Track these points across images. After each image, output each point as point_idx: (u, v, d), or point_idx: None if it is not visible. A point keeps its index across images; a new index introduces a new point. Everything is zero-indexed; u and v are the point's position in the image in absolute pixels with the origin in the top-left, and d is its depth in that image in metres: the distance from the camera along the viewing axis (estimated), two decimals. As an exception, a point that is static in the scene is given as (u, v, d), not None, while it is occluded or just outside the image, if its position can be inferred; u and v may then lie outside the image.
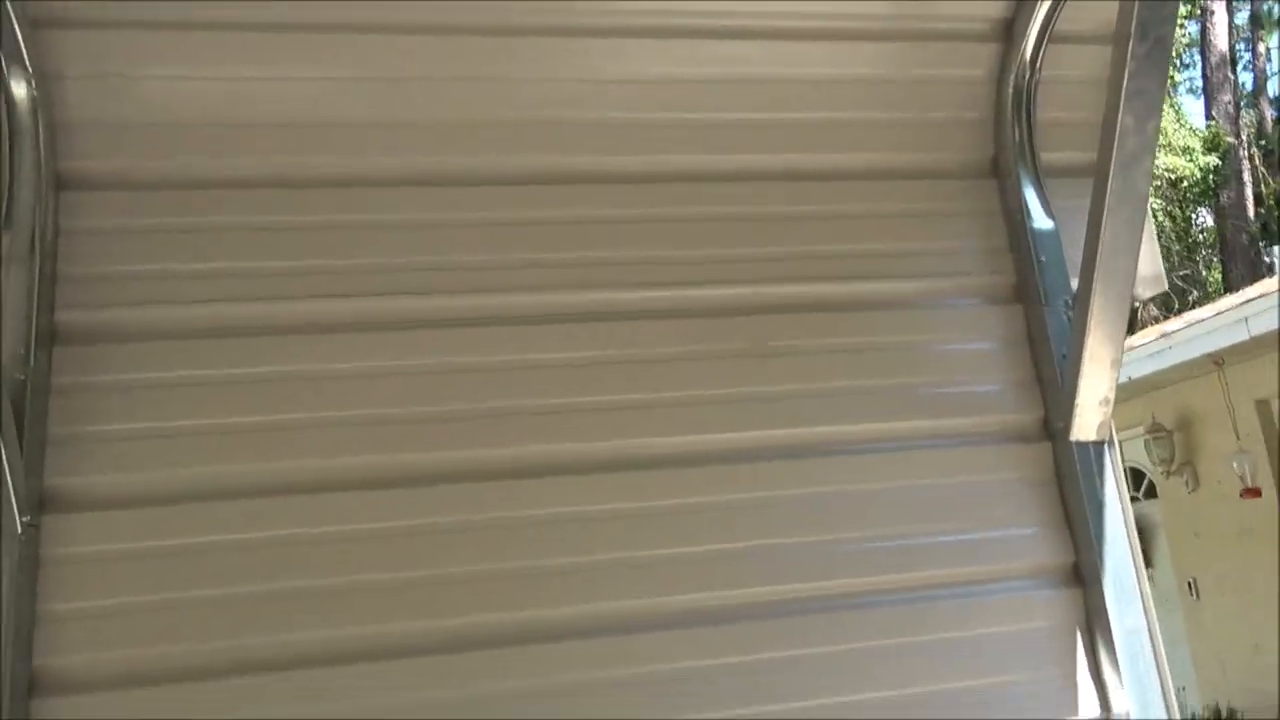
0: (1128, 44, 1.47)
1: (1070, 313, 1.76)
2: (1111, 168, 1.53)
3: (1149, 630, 1.62)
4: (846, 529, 1.66)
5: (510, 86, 1.70)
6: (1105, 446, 1.70)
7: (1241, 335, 5.76)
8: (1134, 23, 1.46)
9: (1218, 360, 6.15)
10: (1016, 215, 1.84)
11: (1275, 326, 5.44)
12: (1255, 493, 6.38)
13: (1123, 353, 1.65)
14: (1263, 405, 6.46)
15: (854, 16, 1.83)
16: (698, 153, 1.81)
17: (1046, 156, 1.87)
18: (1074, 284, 1.81)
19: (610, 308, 1.69)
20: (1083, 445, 1.70)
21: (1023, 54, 1.82)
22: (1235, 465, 6.44)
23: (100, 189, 1.55)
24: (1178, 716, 1.59)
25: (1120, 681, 1.59)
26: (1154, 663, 1.60)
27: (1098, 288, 1.60)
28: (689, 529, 1.60)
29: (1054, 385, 1.75)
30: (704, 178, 1.81)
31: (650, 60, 1.75)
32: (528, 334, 1.64)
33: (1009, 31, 1.83)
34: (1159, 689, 1.59)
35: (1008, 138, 1.86)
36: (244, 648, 1.41)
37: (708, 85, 1.78)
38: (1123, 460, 1.70)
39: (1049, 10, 1.77)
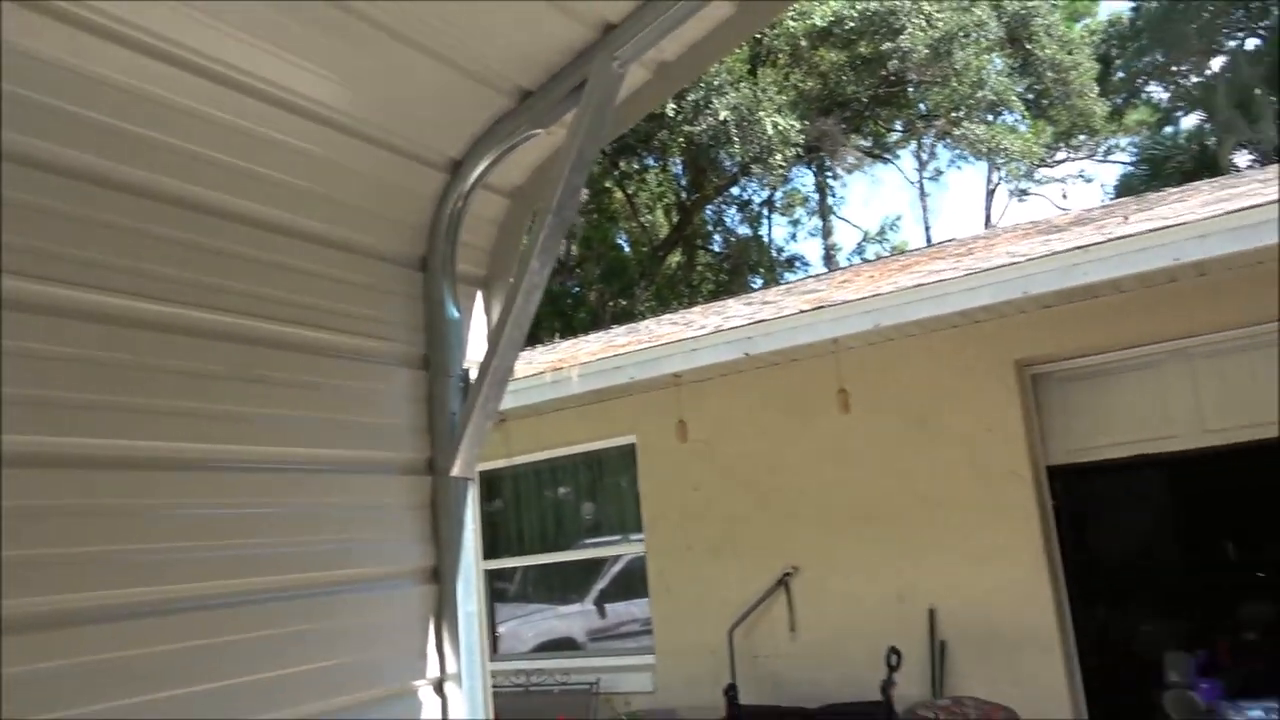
0: (547, 215, 2.22)
1: (462, 383, 2.42)
2: (519, 293, 2.25)
3: (478, 614, 2.30)
4: (264, 535, 1.99)
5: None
6: (469, 482, 2.37)
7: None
8: (555, 201, 2.21)
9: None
10: (435, 304, 2.44)
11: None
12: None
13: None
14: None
15: (341, 111, 2.19)
16: (179, 179, 1.92)
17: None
18: (463, 363, 2.48)
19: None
20: (456, 480, 2.34)
21: (461, 188, 2.46)
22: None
23: None
24: (490, 677, 2.28)
25: (457, 651, 2.23)
26: (478, 637, 2.28)
27: (491, 370, 2.28)
28: (112, 530, 1.70)
29: (441, 434, 2.37)
30: (187, 205, 1.97)
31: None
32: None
33: (456, 169, 2.45)
34: (479, 656, 2.28)
35: (437, 245, 2.47)
36: None
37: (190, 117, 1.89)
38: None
39: (488, 165, 2.45)
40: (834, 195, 27.23)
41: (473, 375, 2.42)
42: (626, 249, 25.53)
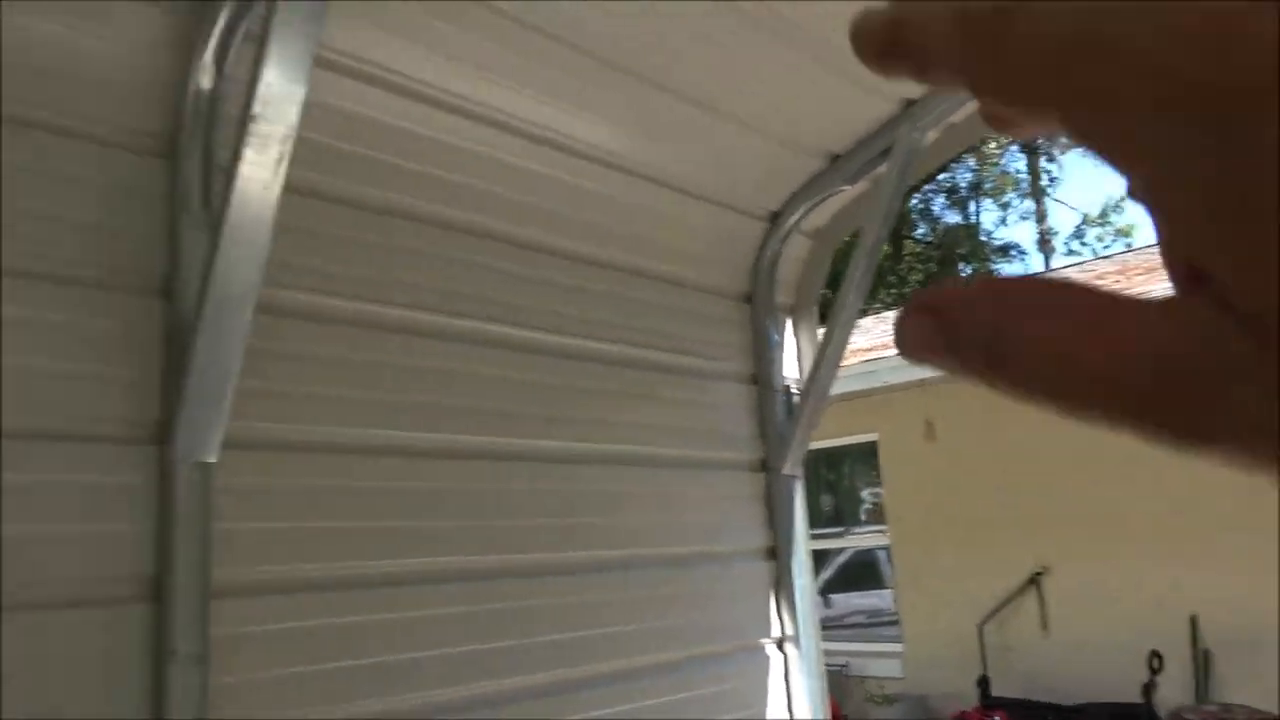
0: (861, 259, 2.68)
1: (785, 396, 2.93)
2: (838, 325, 2.72)
3: (809, 586, 2.81)
4: (643, 517, 2.56)
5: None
6: (795, 479, 2.88)
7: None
8: (868, 248, 2.67)
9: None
10: (760, 331, 2.97)
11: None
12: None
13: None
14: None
15: (676, 175, 2.67)
16: (552, 232, 2.44)
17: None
18: (784, 380, 2.99)
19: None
20: (785, 476, 2.85)
21: (779, 235, 2.97)
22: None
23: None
24: (820, 635, 2.78)
25: (794, 617, 2.75)
26: (810, 605, 2.79)
27: (814, 389, 2.77)
28: (533, 508, 2.25)
29: (771, 439, 2.89)
30: (558, 253, 2.51)
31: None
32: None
33: (775, 219, 2.96)
34: (812, 623, 2.78)
35: (760, 282, 2.99)
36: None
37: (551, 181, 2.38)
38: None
39: (800, 215, 2.93)
40: (1048, 177, 26.11)
41: (792, 390, 2.93)
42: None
